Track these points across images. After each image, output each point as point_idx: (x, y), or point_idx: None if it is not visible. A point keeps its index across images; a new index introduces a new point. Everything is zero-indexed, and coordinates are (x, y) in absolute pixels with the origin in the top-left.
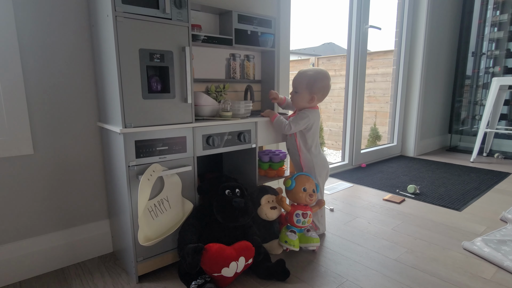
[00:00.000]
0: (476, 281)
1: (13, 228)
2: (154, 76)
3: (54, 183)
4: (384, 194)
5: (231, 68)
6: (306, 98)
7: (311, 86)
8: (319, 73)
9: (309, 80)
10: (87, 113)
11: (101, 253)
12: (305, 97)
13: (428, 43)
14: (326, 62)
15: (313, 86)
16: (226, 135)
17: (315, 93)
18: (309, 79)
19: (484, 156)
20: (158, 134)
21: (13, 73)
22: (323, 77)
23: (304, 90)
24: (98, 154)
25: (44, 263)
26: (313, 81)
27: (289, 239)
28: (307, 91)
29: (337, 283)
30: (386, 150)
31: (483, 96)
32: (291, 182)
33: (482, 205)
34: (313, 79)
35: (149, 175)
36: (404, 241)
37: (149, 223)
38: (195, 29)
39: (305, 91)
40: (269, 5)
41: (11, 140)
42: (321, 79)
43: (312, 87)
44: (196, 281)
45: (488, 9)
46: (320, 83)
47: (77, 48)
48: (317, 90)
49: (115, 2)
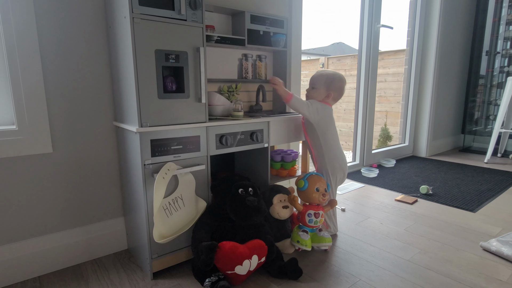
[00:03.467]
0: (492, 282)
1: (33, 225)
2: (169, 76)
3: (71, 181)
4: (396, 194)
5: (243, 68)
6: (323, 94)
7: (329, 83)
8: (337, 74)
9: (327, 78)
10: (104, 113)
11: (116, 250)
12: (322, 93)
13: (441, 42)
14: (336, 62)
15: (331, 84)
16: (239, 135)
17: (332, 90)
18: (328, 77)
19: (499, 157)
20: (173, 133)
21: (34, 73)
22: (340, 78)
23: (322, 86)
24: (114, 153)
25: (61, 259)
26: (332, 79)
27: (301, 239)
28: (325, 87)
29: (350, 282)
30: (398, 151)
31: (497, 96)
32: (304, 182)
33: (497, 206)
34: (332, 77)
35: (164, 173)
36: (417, 242)
37: (163, 220)
38: (208, 29)
39: (323, 87)
40: (281, 5)
41: (31, 139)
42: (339, 80)
43: (331, 84)
44: (210, 278)
45: (503, 7)
46: (338, 83)
47: (94, 49)
48: (334, 88)
49: (132, 4)
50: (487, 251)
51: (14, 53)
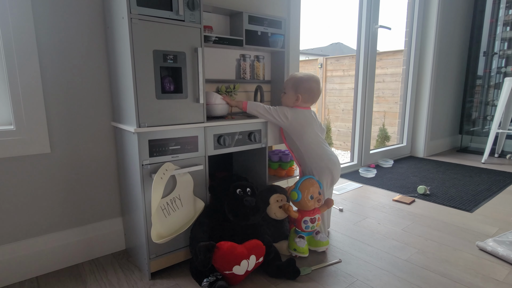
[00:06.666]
0: (489, 282)
1: (31, 225)
2: (167, 77)
3: (69, 181)
4: (393, 194)
5: (241, 68)
6: (293, 98)
7: (297, 86)
8: (306, 75)
9: (295, 81)
10: (102, 113)
11: (114, 250)
12: (291, 97)
13: (438, 43)
14: (335, 62)
15: (299, 87)
16: (237, 135)
17: (300, 93)
18: (295, 80)
19: (496, 157)
20: (171, 134)
21: (31, 73)
22: (309, 79)
23: (290, 90)
24: (112, 153)
25: (59, 259)
26: (299, 82)
27: (298, 246)
28: (293, 91)
29: (347, 282)
30: (396, 151)
31: (494, 97)
32: (297, 194)
33: (494, 206)
34: (299, 80)
35: (162, 173)
36: (414, 242)
37: (161, 220)
38: (206, 30)
39: (291, 91)
40: (279, 6)
41: (29, 139)
42: (307, 80)
43: (298, 87)
44: (208, 278)
45: (501, 8)
46: (306, 84)
47: (92, 49)
48: (302, 90)
49: (130, 4)
50: (483, 251)
51: (12, 53)
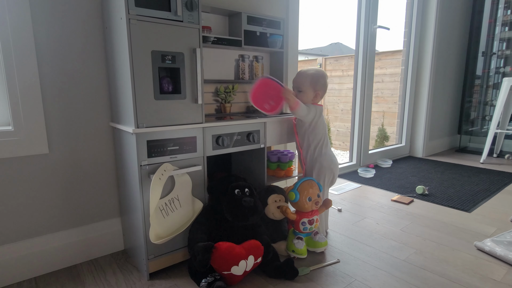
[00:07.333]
0: (486, 282)
1: (29, 225)
2: (166, 77)
3: (68, 181)
4: (392, 194)
5: (240, 69)
6: (311, 96)
7: (315, 84)
8: (319, 71)
9: (312, 78)
10: (100, 114)
11: (112, 250)
12: (310, 94)
13: (437, 43)
14: (334, 62)
15: (317, 83)
16: (235, 135)
17: (319, 89)
18: (312, 77)
19: (494, 157)
20: (169, 134)
21: (30, 74)
22: (323, 75)
23: (309, 88)
24: (111, 154)
25: (58, 259)
26: (316, 78)
27: (296, 248)
28: (312, 88)
29: (345, 282)
30: (394, 151)
31: (493, 97)
32: (295, 195)
33: (492, 206)
34: (316, 77)
35: (161, 174)
36: (413, 242)
37: (160, 221)
38: (205, 30)
39: (310, 89)
40: (278, 6)
41: (27, 140)
42: (322, 77)
43: (316, 84)
44: (206, 279)
45: (499, 8)
46: (322, 80)
47: (91, 50)
48: (320, 87)
49: (128, 5)
50: (481, 251)
51: (10, 53)
